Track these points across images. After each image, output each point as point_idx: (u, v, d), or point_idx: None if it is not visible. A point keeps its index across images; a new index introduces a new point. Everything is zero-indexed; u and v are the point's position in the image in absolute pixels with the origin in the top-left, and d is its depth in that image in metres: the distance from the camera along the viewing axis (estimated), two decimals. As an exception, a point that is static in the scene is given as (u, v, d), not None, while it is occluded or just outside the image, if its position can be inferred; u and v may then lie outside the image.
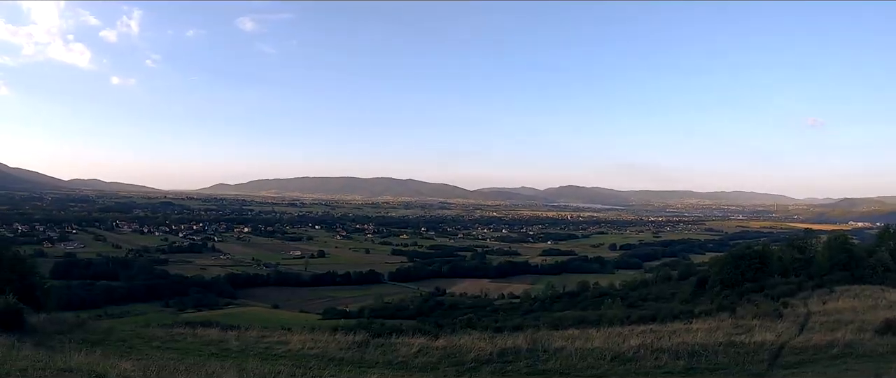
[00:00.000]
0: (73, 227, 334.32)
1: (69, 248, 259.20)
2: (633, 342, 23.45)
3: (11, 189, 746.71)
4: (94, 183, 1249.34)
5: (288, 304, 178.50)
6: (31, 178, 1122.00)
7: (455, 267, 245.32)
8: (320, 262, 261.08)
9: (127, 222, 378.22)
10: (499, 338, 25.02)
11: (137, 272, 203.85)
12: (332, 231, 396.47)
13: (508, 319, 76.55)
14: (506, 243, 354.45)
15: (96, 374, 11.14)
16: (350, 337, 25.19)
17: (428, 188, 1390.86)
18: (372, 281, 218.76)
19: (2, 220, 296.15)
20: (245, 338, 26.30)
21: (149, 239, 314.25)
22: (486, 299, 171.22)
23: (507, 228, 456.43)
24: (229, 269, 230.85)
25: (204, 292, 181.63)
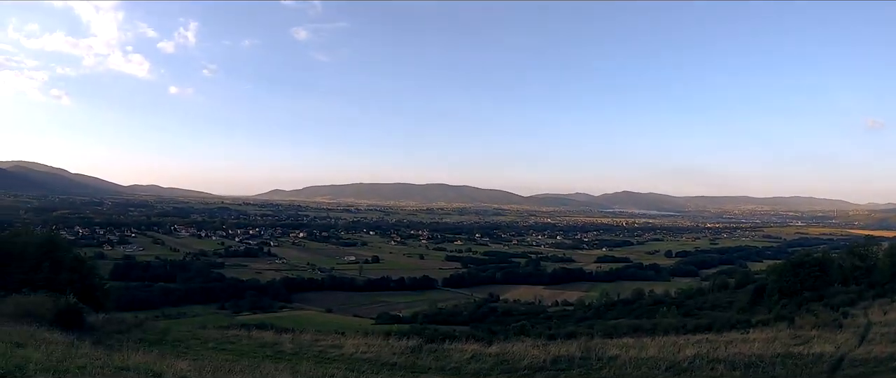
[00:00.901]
0: (132, 231, 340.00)
1: (128, 250, 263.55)
2: (689, 352, 23.01)
3: (73, 194, 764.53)
4: (153, 188, 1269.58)
5: (342, 308, 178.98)
6: (92, 184, 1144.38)
7: (509, 273, 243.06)
8: (374, 267, 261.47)
9: (184, 226, 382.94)
10: (552, 345, 24.74)
11: (194, 275, 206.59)
12: (387, 237, 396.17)
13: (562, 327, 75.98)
14: (560, 250, 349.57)
15: (153, 374, 11.26)
16: (403, 342, 25.19)
17: (482, 194, 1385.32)
18: (426, 287, 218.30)
19: (64, 223, 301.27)
20: (299, 341, 26.47)
21: (206, 243, 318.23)
22: (539, 306, 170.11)
23: (561, 235, 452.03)
24: (284, 273, 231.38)
25: (259, 296, 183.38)
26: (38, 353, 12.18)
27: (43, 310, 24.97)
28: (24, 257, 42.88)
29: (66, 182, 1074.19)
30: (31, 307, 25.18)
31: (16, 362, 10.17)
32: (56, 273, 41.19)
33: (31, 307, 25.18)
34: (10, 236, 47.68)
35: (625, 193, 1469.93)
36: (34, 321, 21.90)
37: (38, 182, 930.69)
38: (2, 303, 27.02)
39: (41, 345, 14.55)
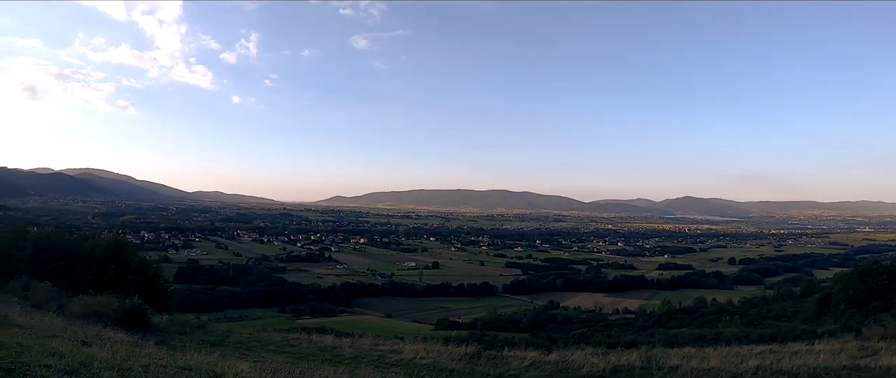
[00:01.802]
0: (196, 236, 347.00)
1: (192, 254, 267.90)
2: (752, 363, 22.49)
3: (139, 200, 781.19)
4: (217, 195, 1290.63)
5: (401, 313, 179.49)
6: (158, 190, 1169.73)
7: (569, 280, 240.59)
8: (434, 273, 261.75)
9: (247, 232, 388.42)
10: (612, 354, 24.44)
11: (256, 279, 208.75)
12: (447, 243, 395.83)
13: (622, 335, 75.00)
14: (621, 257, 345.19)
15: (215, 374, 11.38)
16: (462, 348, 25.08)
17: (542, 200, 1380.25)
18: (486, 293, 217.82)
19: (130, 228, 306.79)
20: (359, 345, 26.52)
21: (268, 248, 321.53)
22: (600, 314, 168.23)
23: (622, 241, 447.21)
24: (345, 278, 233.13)
25: (319, 300, 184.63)
26: (104, 351, 12.39)
27: (108, 310, 25.41)
28: (91, 259, 43.74)
29: (132, 188, 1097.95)
30: (97, 307, 25.66)
31: (82, 360, 10.38)
32: (122, 275, 41.93)
33: (97, 307, 25.66)
34: (78, 239, 48.68)
35: (687, 199, 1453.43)
36: (100, 321, 22.30)
37: (106, 188, 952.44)
38: (69, 303, 27.59)
39: (106, 343, 14.80)
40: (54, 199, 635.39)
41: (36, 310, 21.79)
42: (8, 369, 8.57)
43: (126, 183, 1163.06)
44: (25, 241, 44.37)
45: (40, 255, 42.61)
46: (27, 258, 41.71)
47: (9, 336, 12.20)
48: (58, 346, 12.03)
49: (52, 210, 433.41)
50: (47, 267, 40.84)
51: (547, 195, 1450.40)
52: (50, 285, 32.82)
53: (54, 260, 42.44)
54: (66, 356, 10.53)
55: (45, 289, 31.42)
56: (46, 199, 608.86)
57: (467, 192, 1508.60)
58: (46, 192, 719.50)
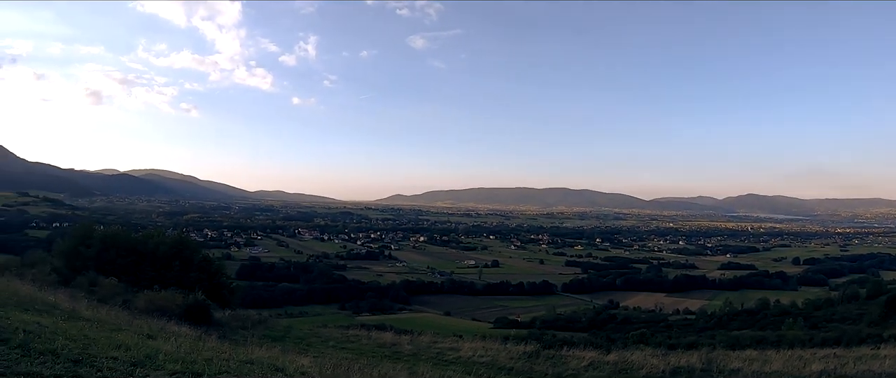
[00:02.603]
0: (258, 234, 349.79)
1: (254, 252, 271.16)
2: (815, 367, 22.01)
3: (203, 199, 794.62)
4: (278, 194, 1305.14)
5: (460, 312, 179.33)
6: (221, 190, 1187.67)
7: (629, 279, 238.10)
8: (494, 271, 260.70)
9: (308, 230, 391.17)
10: (672, 355, 24.11)
11: (317, 276, 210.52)
12: (507, 241, 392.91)
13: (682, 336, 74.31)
14: (682, 256, 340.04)
15: (276, 368, 11.54)
16: (521, 347, 25.00)
17: (603, 198, 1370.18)
18: (545, 292, 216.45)
19: (193, 226, 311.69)
20: (418, 342, 26.60)
21: (328, 246, 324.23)
22: (660, 314, 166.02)
23: (684, 240, 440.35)
24: (404, 276, 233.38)
25: (379, 297, 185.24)
26: (168, 344, 12.64)
27: (173, 305, 25.88)
28: (156, 257, 44.54)
29: (195, 188, 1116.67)
30: (161, 302, 26.13)
31: (147, 352, 10.62)
32: (185, 271, 42.63)
33: (162, 302, 26.13)
34: (144, 237, 49.55)
35: (750, 196, 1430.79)
36: (164, 315, 22.71)
37: (170, 188, 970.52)
38: (134, 298, 28.11)
39: (170, 337, 15.07)
40: (120, 199, 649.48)
41: (102, 304, 22.25)
42: (76, 360, 8.81)
43: (190, 183, 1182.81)
44: (92, 239, 45.34)
45: (107, 252, 43.46)
46: (94, 255, 42.63)
47: (77, 329, 12.52)
48: (123, 338, 12.31)
49: (118, 209, 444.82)
50: (113, 264, 41.64)
51: (607, 193, 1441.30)
52: (116, 281, 33.48)
53: (120, 257, 43.24)
54: (132, 348, 10.79)
55: (111, 284, 32.08)
56: (112, 200, 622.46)
57: (527, 190, 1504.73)
58: (113, 193, 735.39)
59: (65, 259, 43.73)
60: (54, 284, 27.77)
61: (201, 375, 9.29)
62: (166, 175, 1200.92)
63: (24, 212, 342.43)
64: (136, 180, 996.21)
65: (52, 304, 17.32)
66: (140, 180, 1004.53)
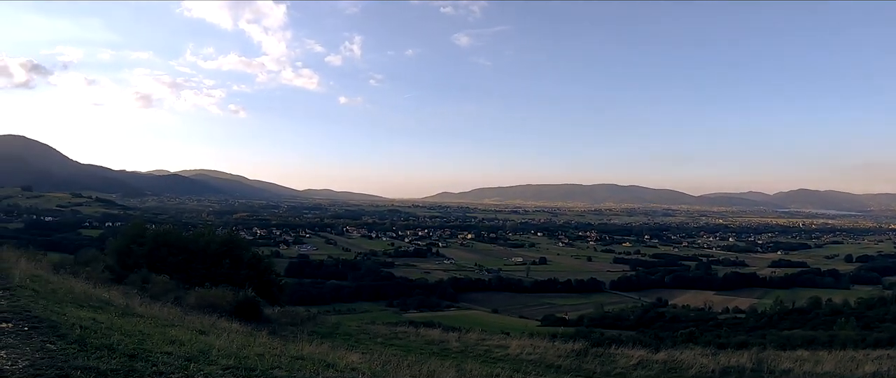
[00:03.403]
0: (306, 232, 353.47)
1: (302, 250, 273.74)
2: (868, 369, 21.54)
3: (251, 198, 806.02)
4: (326, 192, 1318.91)
5: (507, 309, 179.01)
6: (269, 189, 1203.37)
7: (678, 277, 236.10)
8: (541, 269, 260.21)
9: (356, 228, 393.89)
10: (722, 355, 23.80)
11: (364, 273, 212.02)
12: (554, 238, 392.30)
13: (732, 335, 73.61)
14: (732, 253, 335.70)
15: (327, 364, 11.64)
16: (569, 345, 24.82)
17: (650, 194, 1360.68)
18: (593, 289, 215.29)
19: (243, 225, 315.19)
20: (465, 339, 26.63)
21: (376, 243, 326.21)
22: (709, 313, 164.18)
23: (733, 236, 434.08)
24: (452, 273, 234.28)
25: (426, 295, 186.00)
26: (220, 340, 12.80)
27: (223, 301, 26.22)
28: (207, 254, 45.21)
29: (244, 187, 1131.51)
30: (212, 299, 26.50)
31: (200, 347, 10.79)
32: (235, 269, 43.22)
33: (213, 299, 26.50)
34: (194, 236, 50.30)
35: (801, 191, 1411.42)
36: (215, 312, 22.97)
37: (219, 188, 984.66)
38: (185, 295, 28.52)
39: (222, 333, 15.27)
40: (171, 198, 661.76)
41: (155, 301, 22.56)
42: (131, 355, 8.98)
43: (239, 183, 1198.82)
44: (144, 237, 46.15)
45: (158, 250, 44.20)
46: (146, 253, 43.42)
47: (131, 325, 12.74)
48: (177, 334, 12.51)
49: (168, 209, 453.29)
50: (165, 261, 42.32)
51: (655, 189, 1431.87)
52: (167, 278, 33.98)
53: (171, 255, 43.95)
54: (186, 344, 10.97)
55: (163, 281, 32.55)
56: (163, 200, 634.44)
57: (574, 186, 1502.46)
58: (163, 193, 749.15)
59: (117, 257, 44.57)
60: (108, 282, 28.24)
61: (254, 371, 9.42)
62: (215, 175, 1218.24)
63: (77, 212, 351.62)
64: (186, 180, 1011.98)
65: (106, 300, 17.63)
66: (190, 180, 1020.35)
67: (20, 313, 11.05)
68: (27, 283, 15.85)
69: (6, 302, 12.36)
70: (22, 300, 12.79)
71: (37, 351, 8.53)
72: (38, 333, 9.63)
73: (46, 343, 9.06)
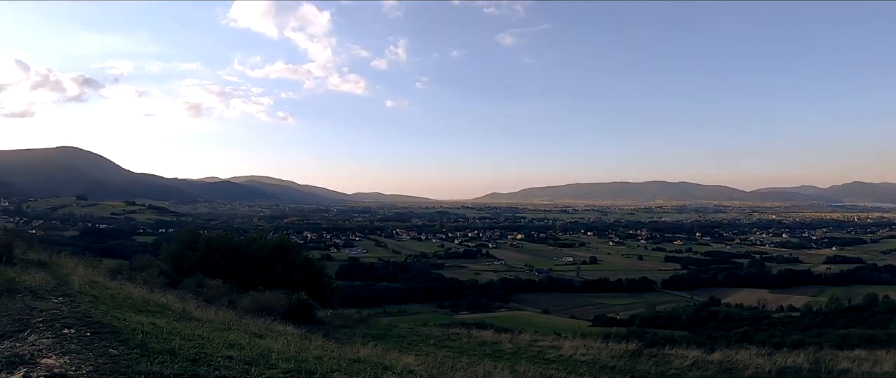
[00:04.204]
0: (356, 235, 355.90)
1: (353, 253, 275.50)
2: (929, 369, 21.26)
3: (301, 203, 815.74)
4: (375, 196, 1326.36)
5: (558, 309, 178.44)
6: (319, 193, 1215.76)
7: (730, 275, 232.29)
8: (592, 268, 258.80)
9: (405, 230, 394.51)
10: (778, 355, 23.39)
11: (415, 275, 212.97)
12: (605, 237, 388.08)
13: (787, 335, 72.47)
14: (785, 249, 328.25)
15: (384, 366, 11.70)
16: (622, 345, 24.59)
17: (701, 190, 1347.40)
18: (644, 289, 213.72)
19: (294, 229, 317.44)
20: (518, 340, 26.57)
21: (426, 245, 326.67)
22: (763, 311, 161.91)
23: (787, 232, 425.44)
24: (502, 274, 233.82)
25: (477, 296, 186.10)
26: (278, 343, 12.93)
27: (277, 305, 26.49)
28: (259, 258, 45.78)
29: (294, 192, 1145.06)
30: (266, 302, 26.77)
31: (259, 351, 10.89)
32: (288, 273, 43.68)
33: (266, 302, 26.77)
34: (247, 240, 51.08)
35: (856, 185, 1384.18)
36: (269, 315, 23.20)
37: (270, 193, 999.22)
38: (239, 298, 28.88)
39: (278, 336, 15.42)
40: (222, 205, 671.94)
41: (209, 305, 22.89)
42: (193, 359, 9.09)
43: (289, 188, 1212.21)
44: (198, 243, 46.89)
45: (211, 255, 44.86)
46: (199, 258, 44.12)
47: (190, 329, 12.91)
48: (235, 338, 12.66)
49: (220, 215, 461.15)
50: (218, 266, 42.95)
51: (706, 185, 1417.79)
52: (221, 282, 34.41)
53: (224, 260, 44.57)
54: (245, 348, 11.08)
55: (217, 285, 32.96)
56: (215, 206, 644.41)
57: (624, 184, 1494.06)
58: (215, 199, 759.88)
59: (172, 262, 45.37)
60: (163, 287, 28.64)
61: (314, 374, 9.49)
62: (266, 181, 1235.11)
63: (131, 219, 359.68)
64: (237, 187, 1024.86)
65: (163, 305, 17.90)
66: (241, 186, 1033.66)
67: (82, 319, 11.25)
68: (86, 289, 16.13)
69: (67, 308, 12.58)
70: (82, 306, 13.02)
71: (100, 356, 8.67)
72: (100, 338, 9.78)
73: (109, 348, 9.20)
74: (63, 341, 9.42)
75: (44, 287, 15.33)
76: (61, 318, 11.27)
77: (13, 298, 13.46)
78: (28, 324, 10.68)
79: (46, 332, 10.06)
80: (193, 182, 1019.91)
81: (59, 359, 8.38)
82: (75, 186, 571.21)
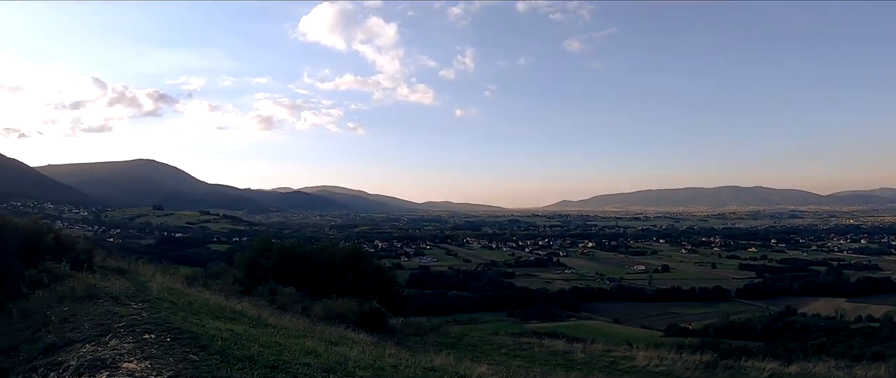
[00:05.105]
0: (426, 244, 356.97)
1: (423, 261, 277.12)
2: None
3: (372, 212, 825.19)
4: (445, 204, 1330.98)
5: (629, 319, 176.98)
6: (389, 203, 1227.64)
7: (807, 283, 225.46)
8: (664, 276, 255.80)
9: (476, 239, 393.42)
10: (857, 368, 22.89)
11: (485, 284, 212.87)
12: (677, 245, 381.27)
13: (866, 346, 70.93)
14: (865, 256, 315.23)
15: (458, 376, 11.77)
16: (696, 356, 24.28)
17: (776, 195, 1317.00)
18: (717, 298, 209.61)
19: (365, 237, 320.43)
20: (590, 351, 26.38)
21: (496, 254, 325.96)
22: (841, 322, 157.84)
23: (866, 238, 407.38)
24: (573, 282, 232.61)
25: (547, 304, 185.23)
26: (353, 351, 13.00)
27: (349, 312, 26.74)
28: (331, 266, 46.37)
29: (365, 202, 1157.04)
30: (338, 310, 27.07)
31: (336, 359, 11.01)
32: (359, 281, 44.12)
33: (338, 310, 27.07)
34: (319, 249, 51.86)
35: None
36: (341, 323, 23.41)
37: (341, 203, 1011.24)
38: (312, 306, 29.23)
39: (352, 344, 15.51)
40: (294, 214, 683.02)
41: (283, 312, 23.22)
42: (272, 366, 9.22)
43: (360, 197, 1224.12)
44: (271, 251, 47.70)
45: (284, 263, 45.58)
46: (273, 266, 44.93)
47: (267, 336, 13.09)
48: (311, 345, 12.77)
49: (292, 224, 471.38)
50: (290, 274, 43.58)
51: (781, 189, 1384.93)
52: (293, 290, 34.91)
53: (297, 268, 45.24)
54: (321, 355, 11.21)
55: (290, 293, 33.43)
56: (287, 215, 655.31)
57: (696, 189, 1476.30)
58: (287, 209, 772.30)
59: (246, 270, 46.18)
60: (237, 294, 29.16)
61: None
62: (337, 191, 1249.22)
63: (206, 228, 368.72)
64: (309, 197, 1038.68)
65: (239, 311, 18.18)
66: (312, 196, 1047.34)
67: (161, 324, 11.46)
68: (165, 296, 16.47)
69: (147, 313, 12.84)
70: (162, 312, 13.28)
71: (180, 361, 8.82)
72: (180, 344, 9.96)
73: (188, 353, 9.36)
74: (144, 346, 9.61)
75: (124, 293, 15.67)
76: (141, 323, 11.50)
77: (95, 304, 13.80)
78: (109, 328, 10.93)
79: (127, 336, 10.27)
80: (266, 192, 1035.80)
81: (140, 363, 8.55)
82: (152, 197, 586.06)
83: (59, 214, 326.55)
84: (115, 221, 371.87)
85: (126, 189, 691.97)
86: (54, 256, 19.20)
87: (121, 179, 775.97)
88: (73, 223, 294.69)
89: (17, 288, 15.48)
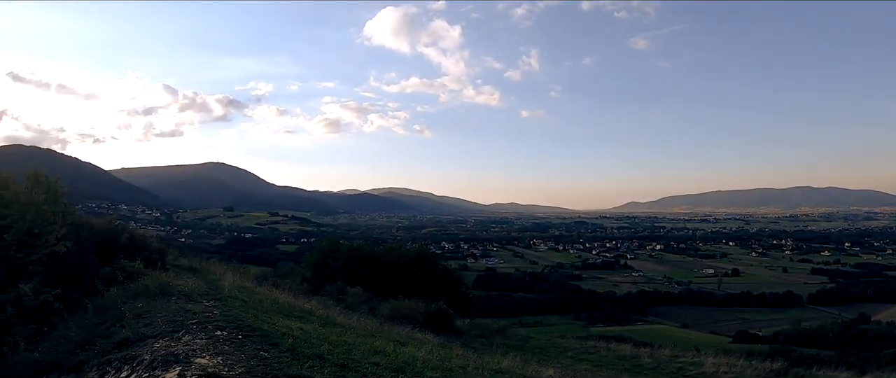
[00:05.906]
0: (493, 246, 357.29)
1: (490, 263, 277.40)
2: None
3: (439, 214, 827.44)
4: (512, 206, 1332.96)
5: (697, 324, 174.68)
6: (456, 204, 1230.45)
7: (882, 289, 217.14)
8: (733, 280, 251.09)
9: (543, 241, 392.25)
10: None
11: (552, 286, 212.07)
12: (747, 248, 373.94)
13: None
14: None
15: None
16: (766, 364, 23.80)
17: (850, 196, 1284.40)
18: (788, 303, 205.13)
19: (431, 239, 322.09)
20: (658, 356, 26.10)
21: (563, 256, 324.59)
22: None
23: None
24: (640, 285, 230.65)
25: (614, 308, 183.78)
26: (421, 351, 13.10)
27: (415, 313, 26.93)
28: (399, 268, 46.84)
29: (432, 203, 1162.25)
30: (404, 310, 27.30)
31: (404, 359, 11.12)
32: (426, 282, 44.44)
33: (405, 310, 27.30)
34: (386, 250, 52.59)
35: None
36: (408, 323, 23.59)
37: (408, 204, 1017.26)
38: (379, 306, 29.55)
39: (420, 344, 15.63)
40: (361, 216, 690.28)
41: (350, 311, 23.43)
42: (341, 365, 9.34)
43: (427, 199, 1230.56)
44: (338, 252, 48.31)
45: (352, 263, 46.19)
46: (340, 267, 45.59)
47: (336, 334, 13.23)
48: (379, 345, 12.89)
49: (359, 225, 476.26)
50: (358, 274, 44.11)
51: (855, 190, 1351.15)
52: (361, 290, 35.37)
53: (364, 268, 45.78)
54: (390, 355, 11.33)
55: (357, 293, 33.87)
56: (354, 217, 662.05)
57: (767, 190, 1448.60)
58: (354, 211, 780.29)
59: (314, 270, 46.94)
60: (305, 293, 29.49)
61: (458, 384, 9.64)
62: (404, 192, 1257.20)
63: (275, 229, 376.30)
64: (376, 198, 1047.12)
65: (308, 310, 18.41)
66: (379, 198, 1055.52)
67: (233, 322, 11.67)
68: (236, 294, 16.78)
69: (219, 311, 13.09)
70: (233, 310, 13.52)
71: (251, 358, 8.98)
72: (252, 341, 10.14)
73: (260, 351, 9.52)
74: (216, 342, 9.80)
75: (196, 291, 16.01)
76: (213, 320, 11.74)
77: (168, 301, 14.16)
78: (182, 325, 11.21)
79: (200, 333, 10.50)
80: (333, 194, 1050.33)
81: (213, 359, 8.73)
82: (222, 199, 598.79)
83: (132, 215, 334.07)
84: (187, 222, 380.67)
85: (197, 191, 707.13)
86: (129, 255, 19.67)
87: (192, 182, 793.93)
88: (146, 224, 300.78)
89: (92, 285, 15.92)
